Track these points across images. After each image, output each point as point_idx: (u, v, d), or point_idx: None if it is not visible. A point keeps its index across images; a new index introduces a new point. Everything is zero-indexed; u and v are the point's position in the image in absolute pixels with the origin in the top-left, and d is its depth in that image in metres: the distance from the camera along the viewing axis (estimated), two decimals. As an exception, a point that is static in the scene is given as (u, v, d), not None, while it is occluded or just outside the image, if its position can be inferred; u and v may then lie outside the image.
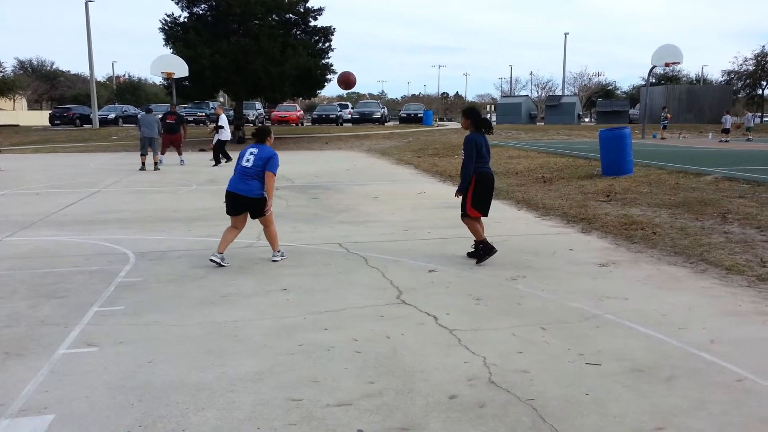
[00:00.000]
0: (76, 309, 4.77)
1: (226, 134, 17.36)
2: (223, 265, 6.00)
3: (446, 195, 11.35)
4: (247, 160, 6.01)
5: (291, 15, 27.45)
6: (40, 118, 43.70)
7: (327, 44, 28.20)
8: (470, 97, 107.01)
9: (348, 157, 20.52)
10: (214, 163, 17.20)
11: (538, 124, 44.56)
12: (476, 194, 6.10)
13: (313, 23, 27.75)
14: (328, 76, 28.72)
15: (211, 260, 6.02)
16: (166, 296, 5.11)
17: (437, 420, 3.04)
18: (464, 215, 6.23)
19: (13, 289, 5.35)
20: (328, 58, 28.37)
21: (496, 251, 6.11)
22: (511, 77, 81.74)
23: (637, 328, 4.34)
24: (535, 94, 73.03)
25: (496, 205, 10.03)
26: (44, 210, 9.47)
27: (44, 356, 3.86)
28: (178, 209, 9.73)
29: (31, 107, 61.44)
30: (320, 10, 27.22)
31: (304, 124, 42.57)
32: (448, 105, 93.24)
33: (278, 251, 6.34)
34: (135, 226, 8.21)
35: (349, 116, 42.72)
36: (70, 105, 41.46)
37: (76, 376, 3.58)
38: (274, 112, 41.39)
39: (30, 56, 73.71)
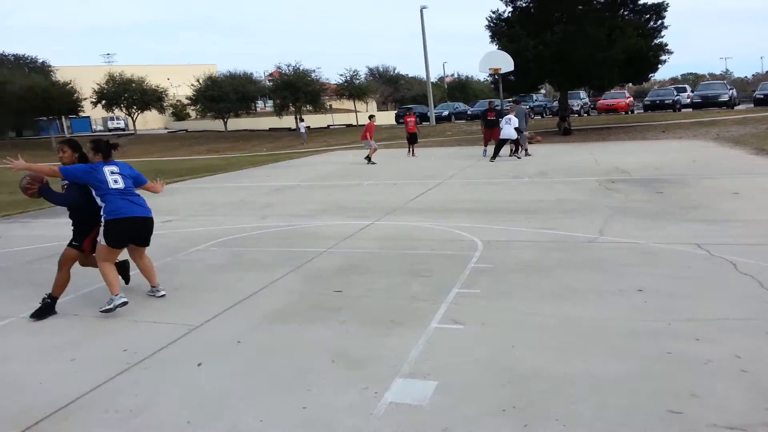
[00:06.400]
0: (440, 288, 5.31)
1: (504, 131, 17.17)
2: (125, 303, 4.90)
3: (834, 192, 9.21)
4: (115, 182, 4.96)
5: (618, -6, 25.70)
6: (387, 117, 50.13)
7: (659, 22, 25.57)
8: None
9: (691, 146, 18.32)
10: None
11: None
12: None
13: (642, 1, 25.50)
14: (663, 57, 26.07)
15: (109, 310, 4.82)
16: (517, 284, 5.32)
17: None
18: None
19: (387, 266, 6.24)
20: (662, 37, 25.71)
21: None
22: None
23: None
24: None
25: None
26: (401, 198, 10.83)
27: (420, 328, 4.39)
28: (514, 200, 10.05)
29: (379, 108, 70.96)
30: (651, -15, 24.80)
31: (635, 111, 39.57)
32: (822, 80, 75.57)
33: (156, 286, 5.34)
34: (477, 215, 8.77)
35: (689, 100, 38.14)
36: (410, 105, 46.56)
37: (449, 350, 3.98)
38: (600, 101, 39.48)
39: (377, 64, 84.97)
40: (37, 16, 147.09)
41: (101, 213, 4.89)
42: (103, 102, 44.86)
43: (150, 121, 57.49)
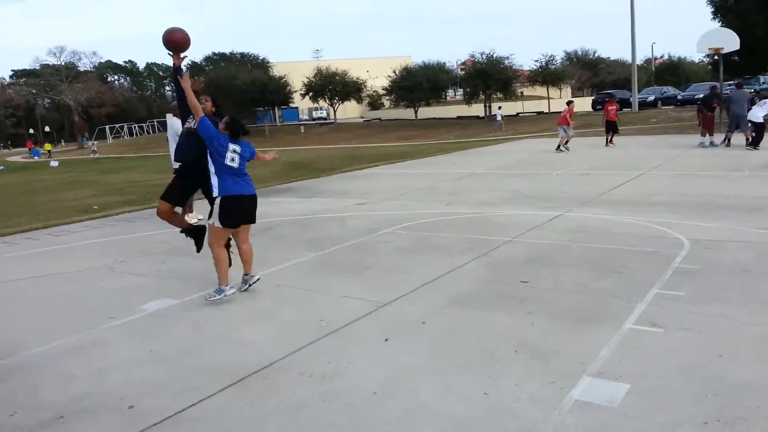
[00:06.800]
0: (636, 287, 4.91)
1: (752, 111, 15.40)
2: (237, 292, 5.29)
3: None
4: (232, 159, 5.19)
5: None
6: (582, 104, 47.32)
7: None
8: None
9: None
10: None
11: None
12: None
13: None
14: None
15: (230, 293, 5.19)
16: (732, 289, 4.72)
17: None
18: None
19: (576, 259, 5.94)
20: None
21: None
22: None
23: None
24: None
25: None
26: (594, 189, 10.20)
27: (612, 327, 4.11)
28: (730, 195, 8.89)
29: (574, 94, 67.35)
30: None
31: None
32: None
33: (248, 273, 5.45)
34: (684, 211, 7.93)
35: None
36: (610, 90, 43.45)
37: (645, 353, 3.67)
38: None
39: (576, 47, 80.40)
40: (261, 18, 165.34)
41: (214, 192, 5.28)
42: (311, 94, 48.83)
43: (349, 110, 61.31)
